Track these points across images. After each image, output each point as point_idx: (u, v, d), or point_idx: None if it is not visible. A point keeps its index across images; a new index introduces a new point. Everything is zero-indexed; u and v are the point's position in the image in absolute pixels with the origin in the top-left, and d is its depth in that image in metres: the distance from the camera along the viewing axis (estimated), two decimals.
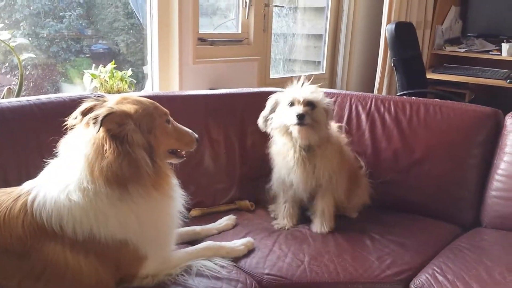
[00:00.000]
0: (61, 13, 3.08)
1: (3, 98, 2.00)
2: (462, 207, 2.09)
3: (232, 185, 2.20)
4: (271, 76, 3.69)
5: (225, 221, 1.92)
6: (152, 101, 1.48)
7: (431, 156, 2.14)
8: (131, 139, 1.33)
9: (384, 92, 4.05)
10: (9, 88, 1.99)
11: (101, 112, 1.30)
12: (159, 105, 1.49)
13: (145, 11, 3.03)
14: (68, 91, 2.97)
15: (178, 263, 1.52)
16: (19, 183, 1.58)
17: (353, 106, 2.32)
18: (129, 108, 1.38)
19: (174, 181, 1.53)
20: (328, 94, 2.39)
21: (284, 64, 4.11)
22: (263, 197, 2.15)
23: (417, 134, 2.19)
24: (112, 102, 1.42)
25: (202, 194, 2.09)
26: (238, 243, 1.72)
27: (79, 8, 3.27)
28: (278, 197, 2.04)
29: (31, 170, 1.62)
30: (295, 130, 1.84)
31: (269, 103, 1.96)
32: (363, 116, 2.28)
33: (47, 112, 1.74)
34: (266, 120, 1.95)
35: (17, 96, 2.02)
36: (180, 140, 1.53)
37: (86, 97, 1.85)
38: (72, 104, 1.80)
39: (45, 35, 2.75)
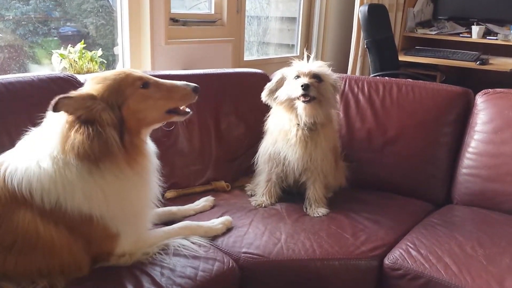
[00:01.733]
0: None
1: None
2: (434, 185, 2.14)
3: (208, 166, 2.18)
4: (245, 58, 3.66)
5: (202, 202, 1.90)
6: (122, 71, 1.42)
7: (403, 135, 2.17)
8: (100, 119, 1.31)
9: (357, 74, 4.07)
10: None
11: (56, 99, 1.28)
12: (131, 73, 1.42)
13: None
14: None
15: (155, 242, 1.51)
16: None
17: None
18: (92, 88, 1.35)
19: (153, 159, 1.51)
20: None
21: (258, 47, 4.08)
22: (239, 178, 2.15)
23: (390, 114, 2.21)
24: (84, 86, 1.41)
25: (177, 176, 2.07)
26: (216, 222, 1.72)
27: None
28: (261, 175, 2.03)
29: None
30: (300, 106, 1.81)
31: (275, 77, 1.93)
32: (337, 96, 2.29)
33: (15, 92, 1.68)
34: (271, 93, 1.91)
35: None
36: (171, 97, 1.45)
37: (56, 77, 1.82)
38: (40, 84, 1.76)
39: (11, 17, 2.65)
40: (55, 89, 1.76)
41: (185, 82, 1.48)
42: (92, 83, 1.38)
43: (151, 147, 1.54)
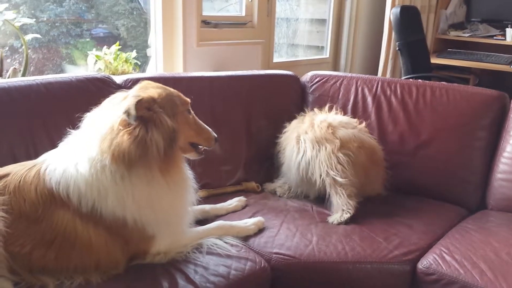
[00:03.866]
0: None
1: (8, 78, 1.98)
2: (468, 190, 2.10)
3: (238, 167, 2.20)
4: (275, 60, 3.66)
5: (235, 202, 1.92)
6: (174, 89, 1.50)
7: (437, 138, 2.13)
8: (159, 122, 1.35)
9: (388, 76, 4.03)
10: (15, 68, 1.97)
11: (130, 102, 1.31)
12: (180, 94, 1.50)
13: None
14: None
15: (189, 242, 1.54)
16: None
17: (359, 89, 2.31)
18: (153, 92, 1.40)
19: (187, 172, 1.56)
20: (334, 77, 2.40)
21: (287, 49, 4.09)
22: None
23: (423, 117, 2.18)
24: (136, 88, 1.44)
25: (208, 176, 2.08)
26: (249, 222, 1.73)
27: None
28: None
29: (39, 149, 1.63)
30: None
31: None
32: (369, 99, 2.28)
33: (54, 92, 1.73)
34: None
35: (23, 75, 2.01)
36: (200, 134, 1.54)
37: (93, 78, 1.87)
38: (78, 84, 1.81)
39: (45, 19, 2.73)
40: (92, 89, 1.81)
41: (210, 129, 1.59)
42: (148, 88, 1.43)
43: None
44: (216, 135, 1.58)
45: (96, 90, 1.80)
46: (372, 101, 2.26)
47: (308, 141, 1.96)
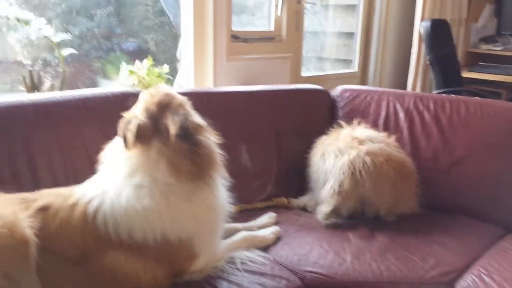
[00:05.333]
0: (92, 11, 3.12)
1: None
2: (505, 209, 2.03)
3: (269, 182, 2.19)
4: (303, 74, 3.66)
5: (266, 219, 1.91)
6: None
7: (472, 155, 2.09)
8: (202, 137, 1.39)
9: (418, 91, 3.98)
10: (52, 84, 2.02)
11: (181, 122, 1.34)
12: None
13: (178, 9, 3.05)
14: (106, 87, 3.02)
15: (222, 256, 1.54)
16: (65, 176, 1.62)
17: (391, 104, 2.29)
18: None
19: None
20: (364, 92, 2.38)
21: (315, 62, 4.09)
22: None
23: (457, 133, 2.14)
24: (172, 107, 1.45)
25: (238, 191, 2.07)
26: (267, 232, 1.77)
27: (109, 6, 3.32)
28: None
29: (76, 163, 1.66)
30: None
31: None
32: (401, 114, 2.25)
33: (91, 107, 1.76)
34: None
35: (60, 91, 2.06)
36: None
37: (129, 93, 1.89)
38: (114, 99, 1.84)
39: (76, 32, 2.79)
40: (128, 104, 1.83)
41: None
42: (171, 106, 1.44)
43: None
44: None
45: (132, 105, 1.82)
46: (404, 116, 2.23)
47: (331, 152, 1.97)
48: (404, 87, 4.13)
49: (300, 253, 1.68)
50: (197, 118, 1.42)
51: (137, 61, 2.52)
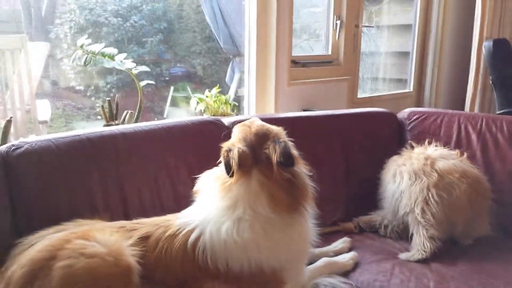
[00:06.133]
0: (143, 39, 3.28)
1: (123, 121, 2.13)
2: None
3: (338, 206, 2.19)
4: (358, 96, 3.67)
5: (340, 244, 1.92)
6: None
7: None
8: (298, 168, 1.43)
9: (476, 111, 3.90)
10: (131, 112, 2.12)
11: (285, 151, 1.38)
12: None
13: (229, 35, 3.15)
14: (175, 114, 3.15)
15: (307, 282, 1.56)
16: (152, 202, 1.68)
17: (462, 126, 2.26)
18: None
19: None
20: (433, 114, 2.36)
21: (370, 83, 4.09)
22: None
23: None
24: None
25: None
26: (346, 258, 1.78)
27: (160, 34, 3.46)
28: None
29: (162, 190, 1.73)
30: None
31: None
32: (473, 136, 2.22)
33: (173, 135, 1.83)
34: None
35: (136, 119, 2.15)
36: None
37: (206, 121, 1.97)
38: (193, 127, 1.91)
39: (130, 60, 2.93)
40: (205, 132, 1.90)
41: None
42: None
43: None
44: None
45: (209, 132, 1.90)
46: (477, 139, 2.20)
47: (405, 172, 1.96)
48: (460, 106, 4.06)
49: (381, 279, 1.67)
50: (293, 149, 1.45)
51: (206, 90, 2.61)
